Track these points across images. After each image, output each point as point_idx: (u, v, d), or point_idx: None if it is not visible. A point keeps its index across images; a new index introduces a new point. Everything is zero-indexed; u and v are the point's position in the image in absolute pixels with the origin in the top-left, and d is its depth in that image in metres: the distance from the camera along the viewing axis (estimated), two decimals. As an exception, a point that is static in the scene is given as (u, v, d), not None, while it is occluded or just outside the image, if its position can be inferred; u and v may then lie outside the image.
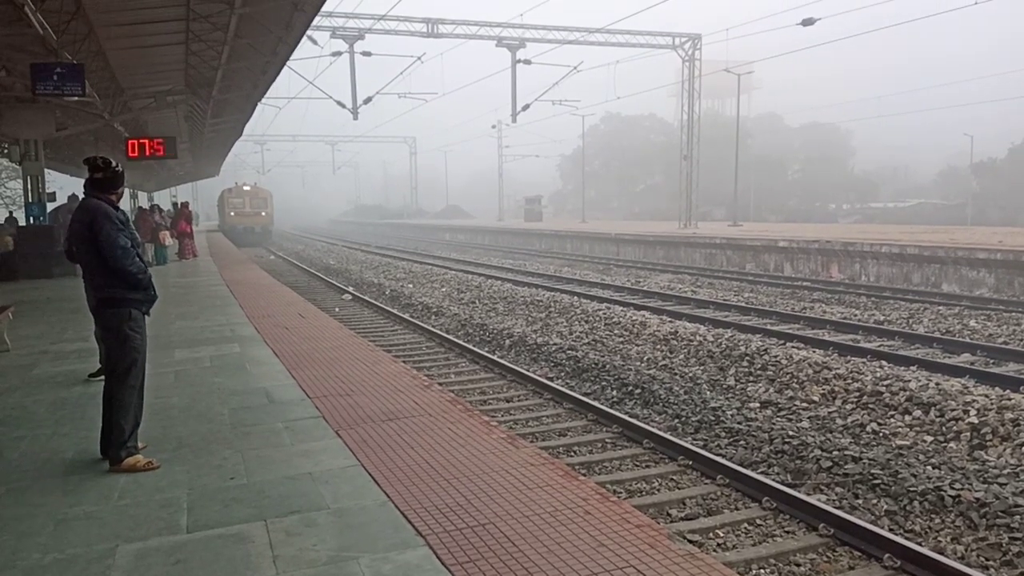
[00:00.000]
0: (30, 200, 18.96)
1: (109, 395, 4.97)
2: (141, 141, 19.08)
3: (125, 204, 5.48)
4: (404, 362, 9.14)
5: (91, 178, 5.02)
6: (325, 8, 16.59)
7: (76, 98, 13.87)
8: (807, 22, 28.56)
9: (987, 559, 5.20)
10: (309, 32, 20.06)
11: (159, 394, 6.65)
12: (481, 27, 35.92)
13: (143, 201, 44.67)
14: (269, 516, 4.12)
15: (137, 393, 5.05)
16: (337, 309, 17.24)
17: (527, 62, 36.90)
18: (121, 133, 22.80)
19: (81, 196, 5.15)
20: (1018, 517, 5.54)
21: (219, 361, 8.33)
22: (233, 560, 3.63)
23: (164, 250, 22.95)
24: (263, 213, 49.34)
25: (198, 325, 10.90)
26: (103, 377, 5.25)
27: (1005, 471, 6.49)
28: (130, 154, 18.47)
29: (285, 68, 18.79)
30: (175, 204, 30.68)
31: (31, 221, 19.04)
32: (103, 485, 4.65)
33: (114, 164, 5.09)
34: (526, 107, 39.53)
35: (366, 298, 19.34)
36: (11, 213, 21.65)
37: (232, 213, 48.60)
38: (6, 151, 24.01)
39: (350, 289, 21.53)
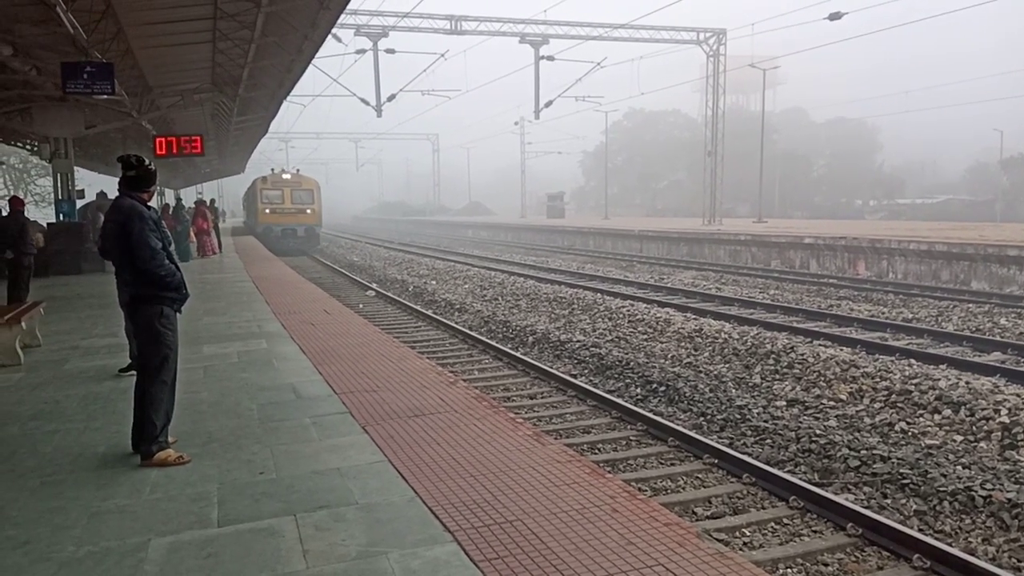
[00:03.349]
0: (60, 197, 19.28)
1: (141, 390, 5.03)
2: (169, 139, 19.32)
3: (154, 202, 5.54)
4: (428, 358, 9.17)
5: (124, 176, 5.08)
6: (350, 6, 16.64)
7: (105, 96, 14.06)
8: (834, 16, 28.28)
9: (1019, 560, 5.13)
10: (334, 30, 20.14)
11: (188, 389, 6.72)
12: (504, 24, 35.93)
13: (170, 198, 45.03)
14: (298, 511, 4.15)
15: (169, 389, 5.11)
16: (361, 305, 17.33)
17: (550, 58, 36.87)
18: (149, 131, 23.06)
19: (110, 194, 5.22)
20: (1051, 518, 5.46)
21: (247, 357, 8.41)
22: (264, 554, 3.66)
23: (188, 247, 23.19)
24: (309, 211, 37.16)
25: (225, 321, 11.01)
26: (133, 372, 5.31)
27: (1038, 472, 6.39)
28: (158, 152, 18.70)
29: (310, 66, 18.90)
30: (199, 201, 30.92)
31: (61, 218, 19.34)
32: (135, 479, 4.71)
33: (147, 162, 5.15)
34: (549, 103, 39.50)
35: (390, 294, 19.43)
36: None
37: (268, 211, 36.79)
38: (36, 149, 24.39)
39: (374, 286, 21.64)
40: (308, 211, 37.19)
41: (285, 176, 37.57)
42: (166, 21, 14.25)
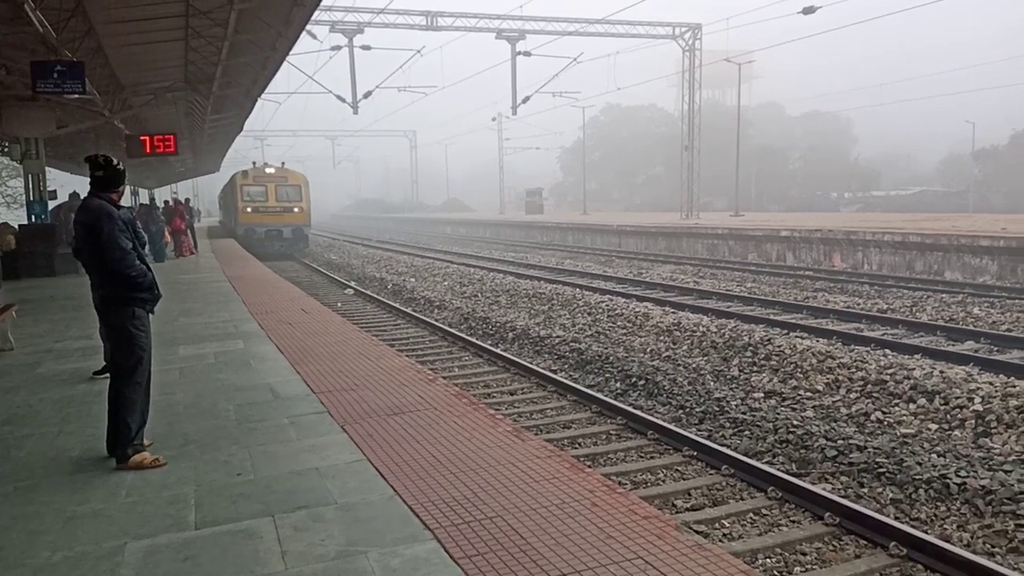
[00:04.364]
0: (31, 198, 18.97)
1: (115, 393, 4.97)
2: (141, 138, 19.09)
3: (126, 201, 5.47)
4: (408, 356, 9.15)
5: (92, 176, 5.02)
6: (324, 2, 16.54)
7: (76, 96, 13.87)
8: (808, 10, 28.49)
9: (993, 546, 5.21)
10: (308, 26, 19.99)
11: (164, 391, 6.65)
12: (480, 19, 35.86)
13: (144, 198, 44.52)
14: (277, 512, 4.12)
15: (143, 391, 5.05)
16: (340, 304, 17.25)
17: (527, 54, 36.82)
18: (121, 130, 22.77)
19: (84, 194, 5.15)
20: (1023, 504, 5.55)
21: (223, 357, 8.34)
22: (242, 556, 3.63)
23: (163, 247, 22.93)
24: (296, 209, 32.88)
25: (201, 321, 10.91)
26: (108, 375, 5.25)
27: (1010, 458, 6.49)
28: (130, 151, 18.46)
29: (284, 63, 18.75)
30: (175, 200, 30.55)
31: (33, 219, 19.04)
32: (110, 483, 4.66)
33: (115, 162, 5.08)
34: (526, 99, 39.47)
35: (368, 293, 19.35)
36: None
37: (249, 209, 32.44)
38: (7, 150, 24.00)
39: (352, 284, 21.55)
40: (295, 209, 32.75)
41: (269, 170, 33.23)
42: (137, 19, 14.06)
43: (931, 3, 27.94)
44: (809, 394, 8.80)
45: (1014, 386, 7.94)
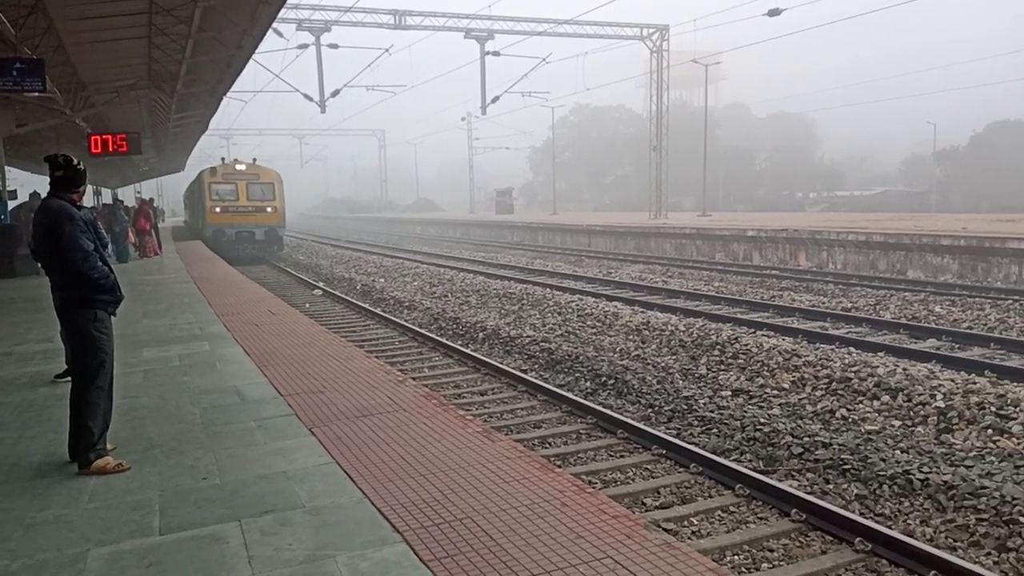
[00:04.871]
0: (-9, 198, 18.55)
1: (77, 397, 4.88)
2: (104, 137, 18.76)
3: (88, 201, 5.37)
4: (377, 357, 9.10)
5: (52, 176, 4.92)
6: (290, 0, 16.38)
7: (36, 94, 13.59)
8: (773, 12, 28.85)
9: (955, 540, 5.31)
10: (274, 24, 19.80)
11: (128, 394, 6.54)
12: (449, 19, 35.79)
13: (107, 198, 43.77)
14: (243, 516, 4.07)
15: (105, 394, 4.96)
16: (308, 305, 17.11)
17: (496, 54, 36.82)
18: (83, 129, 22.36)
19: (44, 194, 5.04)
20: (984, 499, 5.66)
21: (188, 360, 8.22)
22: (208, 562, 3.58)
23: (127, 248, 22.57)
24: (269, 208, 30.57)
25: (166, 323, 10.75)
26: (70, 378, 5.16)
27: (971, 454, 6.63)
28: (93, 150, 18.15)
29: (251, 61, 18.55)
30: (140, 200, 30.06)
31: (-8, 220, 18.62)
32: (72, 488, 4.57)
33: (75, 162, 4.98)
34: (495, 99, 39.48)
35: (337, 293, 19.21)
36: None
37: (218, 209, 30.16)
38: (-36, 148, 23.44)
39: (320, 284, 21.38)
40: (269, 209, 30.45)
41: (239, 167, 30.78)
42: (99, 16, 13.80)
43: (890, 7, 28.43)
44: (775, 392, 8.90)
45: (974, 383, 8.11)
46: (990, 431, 7.02)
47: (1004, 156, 59.00)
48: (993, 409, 7.32)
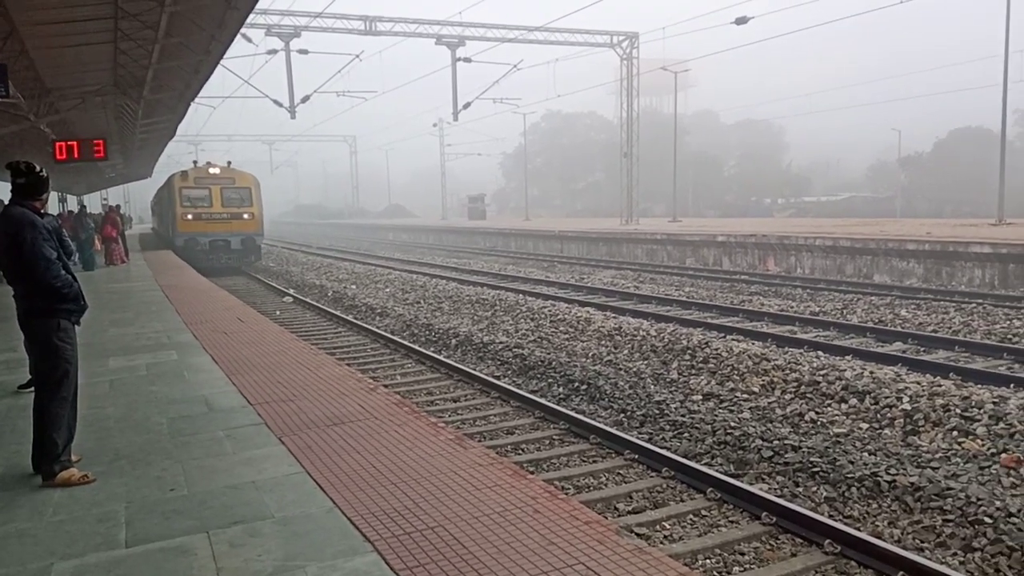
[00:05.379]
0: (-50, 206, 18.16)
1: (40, 408, 4.78)
2: (69, 143, 18.41)
3: (53, 209, 5.27)
4: (348, 365, 9.04)
5: (14, 183, 4.82)
6: (260, 5, 16.24)
7: (-1, 99, 13.33)
8: (740, 20, 29.18)
9: (922, 541, 5.38)
10: (243, 30, 19.63)
11: (93, 404, 6.43)
12: (420, 25, 35.68)
13: (72, 205, 43.02)
14: (212, 527, 4.02)
15: (69, 405, 4.87)
16: (278, 312, 16.95)
17: (467, 60, 36.79)
18: (48, 135, 21.98)
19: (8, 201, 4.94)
20: (950, 500, 5.75)
21: (156, 369, 8.10)
22: (175, 574, 3.53)
23: (92, 255, 22.21)
24: (246, 215, 28.52)
25: (133, 332, 10.59)
26: (32, 389, 5.05)
27: (937, 456, 6.73)
28: (58, 156, 17.82)
29: (219, 67, 18.37)
30: (107, 207, 29.60)
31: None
32: (36, 501, 4.48)
33: (38, 169, 4.90)
34: (467, 105, 39.42)
35: (308, 300, 19.07)
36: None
37: (190, 216, 27.97)
38: (-77, 154, 22.92)
39: (291, 291, 21.20)
40: (245, 216, 28.40)
41: (213, 170, 28.87)
42: (63, 21, 13.58)
43: (856, 15, 28.93)
44: (746, 396, 8.98)
45: (940, 385, 8.24)
46: (955, 433, 7.14)
47: (966, 162, 60.17)
48: (958, 411, 7.45)
